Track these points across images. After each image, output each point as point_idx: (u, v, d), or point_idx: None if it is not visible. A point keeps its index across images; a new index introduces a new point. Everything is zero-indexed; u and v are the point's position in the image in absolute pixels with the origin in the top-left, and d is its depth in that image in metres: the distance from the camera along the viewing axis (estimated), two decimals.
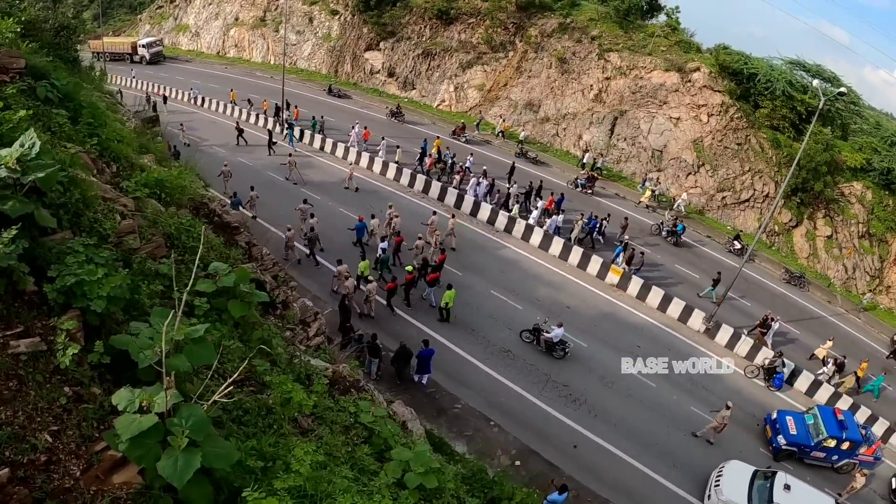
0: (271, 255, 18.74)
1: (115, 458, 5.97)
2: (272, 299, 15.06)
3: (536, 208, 38.33)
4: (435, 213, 34.17)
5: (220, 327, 9.88)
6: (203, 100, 58.19)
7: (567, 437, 22.84)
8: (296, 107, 52.29)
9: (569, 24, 55.57)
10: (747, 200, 44.30)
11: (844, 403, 27.96)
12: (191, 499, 5.65)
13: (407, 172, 42.14)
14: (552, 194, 40.12)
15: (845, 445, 24.52)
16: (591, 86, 51.95)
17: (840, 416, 25.32)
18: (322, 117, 50.28)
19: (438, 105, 60.31)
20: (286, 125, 49.09)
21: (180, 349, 6.69)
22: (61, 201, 8.53)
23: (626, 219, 38.95)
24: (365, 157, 44.52)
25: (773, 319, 31.35)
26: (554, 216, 37.30)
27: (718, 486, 21.58)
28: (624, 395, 25.44)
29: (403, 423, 13.83)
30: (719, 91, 45.98)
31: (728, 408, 24.01)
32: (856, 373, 30.52)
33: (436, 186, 40.37)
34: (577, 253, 34.19)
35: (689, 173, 46.03)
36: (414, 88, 63.20)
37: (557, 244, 34.92)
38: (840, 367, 29.99)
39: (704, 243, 40.89)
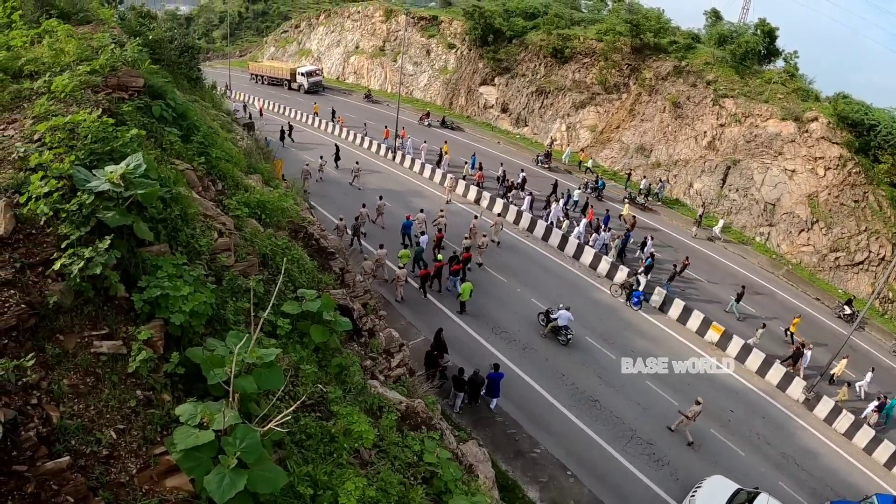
0: (363, 283, 19.01)
1: (171, 463, 6.26)
2: (358, 327, 15.29)
3: (578, 224, 40.23)
4: (476, 216, 38.24)
5: (299, 350, 10.13)
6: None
7: (644, 498, 21.83)
8: (385, 127, 55.43)
9: (684, 68, 54.45)
10: (861, 263, 41.17)
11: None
12: None
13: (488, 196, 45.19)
14: (592, 207, 43.33)
15: None
16: (705, 132, 50.61)
17: None
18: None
19: (549, 143, 59.92)
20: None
21: (251, 371, 6.92)
22: (161, 216, 8.96)
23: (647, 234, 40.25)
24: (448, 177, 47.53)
25: (808, 348, 30.40)
26: (602, 233, 39.24)
27: (694, 497, 21.09)
28: (710, 460, 23.99)
29: (470, 467, 13.61)
30: (837, 143, 43.37)
31: (698, 403, 24.13)
32: (788, 329, 32.64)
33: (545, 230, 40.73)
34: (677, 306, 32.90)
35: (802, 230, 43.61)
36: (526, 125, 63.59)
37: (658, 295, 33.75)
38: (880, 408, 27.76)
39: (813, 306, 38.48)
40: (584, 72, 60.38)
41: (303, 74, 78.02)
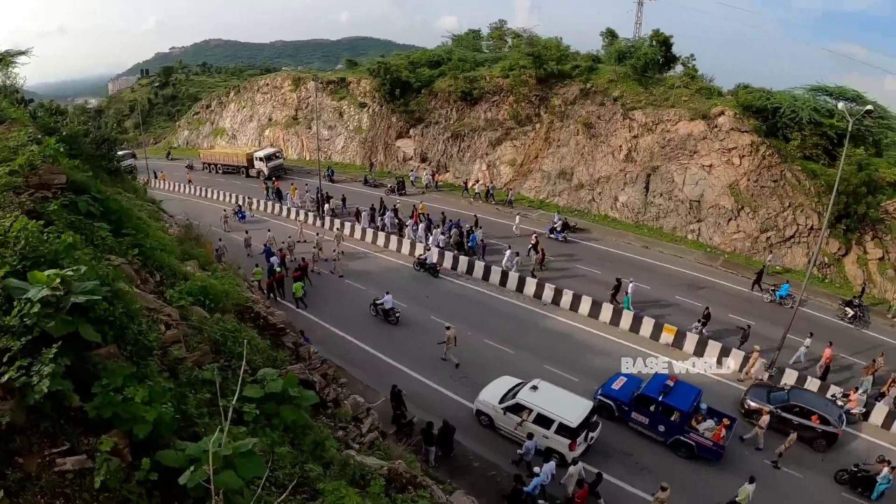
0: (319, 353, 18.73)
1: None
2: (323, 399, 15.01)
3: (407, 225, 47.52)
4: (318, 234, 46.21)
5: (269, 433, 9.79)
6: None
7: None
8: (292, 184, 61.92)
9: (590, 89, 56.25)
10: (793, 237, 43.09)
11: None
12: None
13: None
14: (416, 210, 49.88)
15: (674, 416, 23.22)
16: (620, 146, 52.22)
17: (671, 382, 24.09)
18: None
19: (473, 185, 60.30)
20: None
21: (230, 463, 6.62)
22: (106, 316, 8.48)
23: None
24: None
25: (706, 314, 33.02)
26: (436, 231, 45.72)
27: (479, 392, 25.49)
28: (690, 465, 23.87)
29: None
30: (746, 131, 45.52)
31: (448, 328, 28.94)
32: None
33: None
34: (627, 317, 33.58)
35: (730, 219, 45.47)
36: (448, 171, 64.34)
37: (607, 311, 34.37)
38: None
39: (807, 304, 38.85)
40: (495, 110, 61.81)
41: (261, 159, 70.60)
